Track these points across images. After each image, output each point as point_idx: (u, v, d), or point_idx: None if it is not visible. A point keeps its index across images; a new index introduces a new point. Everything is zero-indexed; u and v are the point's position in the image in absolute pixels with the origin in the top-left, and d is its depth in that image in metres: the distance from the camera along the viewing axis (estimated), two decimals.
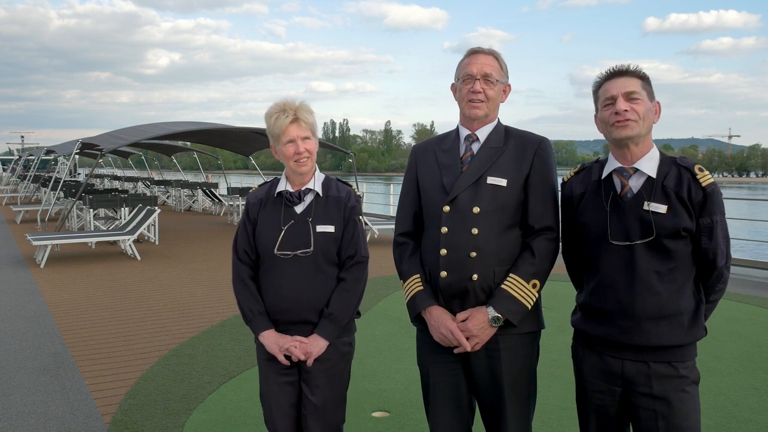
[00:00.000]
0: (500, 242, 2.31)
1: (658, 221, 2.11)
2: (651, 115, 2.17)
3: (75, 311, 6.89)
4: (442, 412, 2.42)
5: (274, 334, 2.50)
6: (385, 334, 5.83)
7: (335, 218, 2.53)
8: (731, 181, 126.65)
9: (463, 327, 2.29)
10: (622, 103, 2.13)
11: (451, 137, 2.48)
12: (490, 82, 2.34)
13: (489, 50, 2.40)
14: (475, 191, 2.32)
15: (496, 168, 2.34)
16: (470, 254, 2.29)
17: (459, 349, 2.32)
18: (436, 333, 2.35)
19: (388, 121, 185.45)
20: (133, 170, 40.13)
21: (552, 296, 7.09)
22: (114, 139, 15.06)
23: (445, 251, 2.32)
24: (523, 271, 2.29)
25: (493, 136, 2.40)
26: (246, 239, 2.59)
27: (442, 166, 2.42)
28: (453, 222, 2.32)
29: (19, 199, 24.82)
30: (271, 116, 2.50)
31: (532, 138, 2.40)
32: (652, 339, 2.12)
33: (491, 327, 2.28)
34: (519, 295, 2.27)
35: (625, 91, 2.14)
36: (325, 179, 2.62)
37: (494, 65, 2.37)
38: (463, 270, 2.30)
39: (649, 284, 2.13)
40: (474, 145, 2.41)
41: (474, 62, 2.36)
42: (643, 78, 2.18)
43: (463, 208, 2.32)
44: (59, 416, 4.06)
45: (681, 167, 2.15)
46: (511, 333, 2.32)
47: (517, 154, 2.36)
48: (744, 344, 5.56)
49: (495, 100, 2.38)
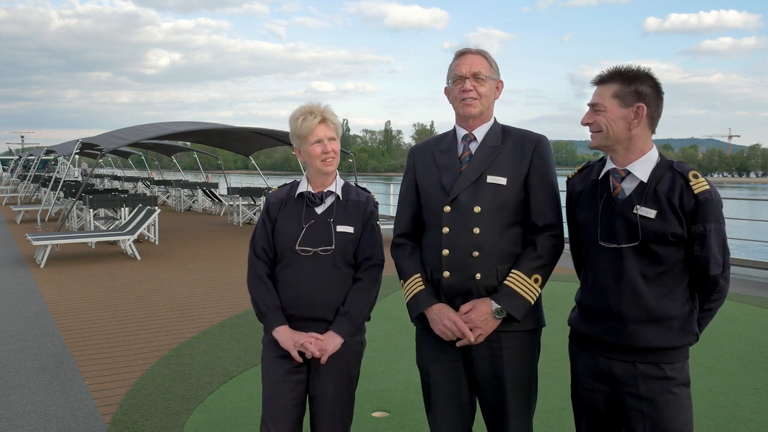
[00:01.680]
0: (502, 241, 2.32)
1: (646, 226, 2.09)
2: (622, 122, 2.13)
3: (75, 311, 6.89)
4: (442, 412, 2.42)
5: (289, 330, 2.51)
6: (385, 334, 5.83)
7: (355, 220, 2.57)
8: (731, 181, 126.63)
9: (466, 318, 2.30)
10: (585, 116, 2.20)
11: (448, 137, 2.49)
12: (481, 79, 2.35)
13: (477, 50, 2.42)
14: (475, 191, 2.33)
15: (496, 167, 2.35)
16: (472, 254, 2.30)
17: (462, 342, 2.32)
18: (437, 326, 2.35)
19: (388, 121, 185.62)
20: (133, 170, 40.13)
21: (552, 296, 7.04)
22: (114, 139, 15.07)
23: (447, 251, 2.32)
24: (525, 266, 2.30)
25: (490, 135, 2.41)
26: (265, 236, 2.61)
27: (440, 166, 2.42)
28: (454, 222, 2.33)
29: (19, 199, 24.81)
30: (297, 118, 2.54)
31: (530, 136, 2.41)
32: (638, 341, 2.12)
33: (494, 319, 2.29)
34: (521, 290, 2.28)
35: (590, 102, 2.19)
36: (345, 184, 2.67)
37: (483, 63, 2.38)
38: (466, 269, 2.30)
39: (635, 287, 2.12)
40: (472, 145, 2.41)
41: (463, 62, 2.38)
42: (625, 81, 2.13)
43: (463, 208, 2.32)
44: (59, 416, 4.06)
45: (676, 172, 2.13)
46: (513, 330, 2.32)
47: (516, 153, 2.37)
48: (744, 344, 5.56)
49: (488, 97, 2.39)
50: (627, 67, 2.17)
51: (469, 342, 2.30)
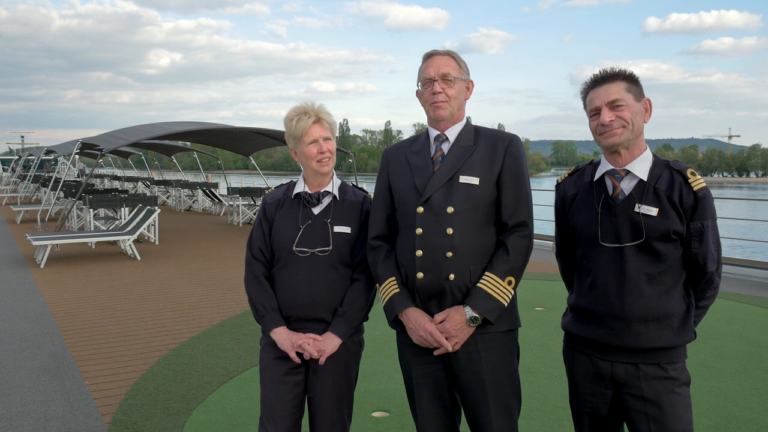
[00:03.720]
0: (475, 241, 2.32)
1: (649, 223, 2.11)
2: (639, 117, 2.16)
3: (75, 311, 6.89)
4: (427, 413, 2.43)
5: (287, 331, 2.51)
6: (385, 334, 5.83)
7: (352, 221, 2.57)
8: (731, 181, 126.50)
9: (441, 328, 2.30)
10: (606, 114, 2.13)
11: (421, 139, 2.50)
12: (449, 80, 2.35)
13: (445, 51, 2.41)
14: (448, 191, 2.33)
15: (468, 167, 2.35)
16: (446, 254, 2.30)
17: (440, 351, 2.32)
18: (415, 336, 2.36)
19: (388, 121, 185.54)
20: (133, 170, 40.15)
21: (552, 296, 7.12)
22: (114, 139, 15.06)
23: (421, 252, 2.32)
24: (498, 268, 2.29)
25: (462, 135, 2.41)
26: (262, 237, 2.61)
27: (413, 167, 2.42)
28: (427, 222, 2.32)
29: (19, 199, 24.82)
30: (291, 119, 2.54)
31: (502, 136, 2.41)
32: (642, 341, 2.13)
33: (469, 327, 2.29)
34: (495, 293, 2.28)
35: (608, 101, 2.14)
36: (341, 184, 2.66)
37: (451, 64, 2.38)
38: (440, 270, 2.30)
39: (638, 286, 2.13)
40: (444, 145, 2.41)
41: (431, 65, 2.38)
42: (628, 79, 2.16)
43: (437, 209, 2.32)
44: (59, 416, 4.06)
45: (673, 170, 2.15)
46: (489, 332, 2.33)
47: (489, 153, 2.37)
48: (744, 344, 5.56)
49: (457, 98, 2.39)
50: (616, 68, 2.19)
51: (446, 350, 2.31)
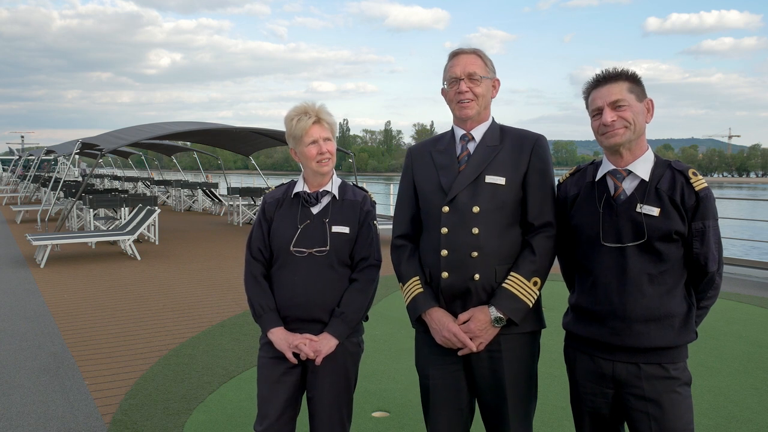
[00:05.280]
0: (501, 241, 2.30)
1: (650, 223, 2.11)
2: (641, 117, 2.16)
3: (75, 311, 6.89)
4: (441, 415, 2.41)
5: (284, 332, 2.50)
6: (385, 334, 5.83)
7: (351, 220, 2.56)
8: (731, 181, 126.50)
9: (466, 328, 2.28)
10: (608, 114, 2.13)
11: (446, 138, 2.48)
12: (476, 80, 2.34)
13: (471, 49, 2.39)
14: (474, 190, 2.31)
15: (494, 166, 2.33)
16: (471, 254, 2.28)
17: (464, 351, 2.31)
18: (438, 336, 2.34)
19: (388, 121, 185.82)
20: (133, 170, 40.13)
21: (552, 296, 7.01)
22: (114, 139, 15.06)
23: (446, 252, 2.31)
24: (524, 269, 2.28)
25: (488, 135, 2.40)
26: (261, 237, 2.61)
27: (438, 166, 2.41)
28: (453, 222, 2.31)
29: (19, 199, 24.82)
30: (292, 119, 2.53)
31: (528, 136, 2.40)
32: (643, 341, 2.13)
33: (494, 327, 2.27)
34: (521, 294, 2.26)
35: (610, 101, 2.13)
36: (341, 183, 2.65)
37: (477, 63, 2.36)
38: (465, 270, 2.29)
39: (640, 286, 2.13)
40: (470, 145, 2.40)
41: (457, 63, 2.36)
42: (631, 79, 2.16)
43: (462, 208, 2.31)
44: (59, 416, 4.06)
45: (675, 171, 2.15)
46: (513, 333, 2.31)
47: (515, 152, 2.36)
48: (744, 344, 5.56)
49: (484, 97, 2.37)
50: (619, 68, 2.19)
51: (471, 351, 2.30)
